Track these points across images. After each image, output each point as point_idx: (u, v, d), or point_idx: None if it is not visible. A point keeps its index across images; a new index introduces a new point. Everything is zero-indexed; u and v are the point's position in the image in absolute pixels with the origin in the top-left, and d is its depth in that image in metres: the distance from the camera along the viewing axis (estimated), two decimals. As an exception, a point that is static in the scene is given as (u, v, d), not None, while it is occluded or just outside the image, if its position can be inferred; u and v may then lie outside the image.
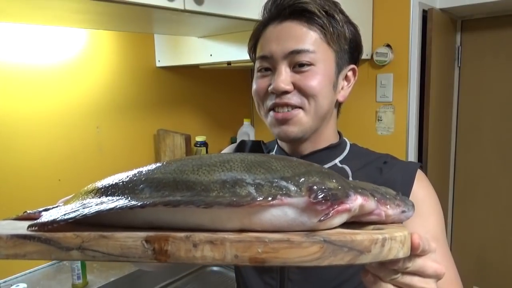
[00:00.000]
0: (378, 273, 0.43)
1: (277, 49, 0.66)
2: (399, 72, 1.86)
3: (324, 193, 0.40)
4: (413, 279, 0.43)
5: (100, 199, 0.45)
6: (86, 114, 1.56)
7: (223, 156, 0.46)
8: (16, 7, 1.01)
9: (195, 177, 0.43)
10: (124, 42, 1.66)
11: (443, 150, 2.32)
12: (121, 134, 1.68)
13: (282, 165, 0.44)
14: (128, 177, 0.46)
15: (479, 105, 2.34)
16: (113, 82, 1.63)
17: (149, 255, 0.40)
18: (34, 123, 1.41)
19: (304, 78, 0.66)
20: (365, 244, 0.39)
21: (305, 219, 0.41)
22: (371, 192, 0.46)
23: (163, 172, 0.45)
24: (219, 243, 0.39)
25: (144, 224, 0.43)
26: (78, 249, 0.41)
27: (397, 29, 1.83)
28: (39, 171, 1.43)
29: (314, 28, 0.66)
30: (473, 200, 2.41)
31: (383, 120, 1.92)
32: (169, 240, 0.40)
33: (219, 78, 2.10)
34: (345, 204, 0.42)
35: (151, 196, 0.42)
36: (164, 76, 1.84)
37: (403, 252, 0.41)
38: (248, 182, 0.41)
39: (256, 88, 0.71)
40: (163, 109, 1.85)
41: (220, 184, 0.41)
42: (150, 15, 1.13)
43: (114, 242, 0.40)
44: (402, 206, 0.47)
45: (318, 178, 0.43)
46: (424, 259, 0.43)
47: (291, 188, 0.41)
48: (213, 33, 1.54)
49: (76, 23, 1.32)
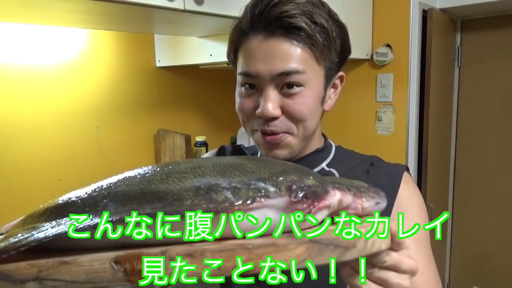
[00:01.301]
0: (356, 266, 0.43)
1: (264, 70, 0.61)
2: (399, 72, 1.86)
3: (304, 191, 0.40)
4: (388, 274, 0.43)
5: (56, 222, 0.39)
6: (86, 114, 1.56)
7: (193, 162, 0.43)
8: (16, 7, 1.01)
9: (165, 186, 0.39)
10: (124, 42, 1.65)
11: (443, 150, 2.32)
12: (121, 134, 1.68)
13: (257, 166, 0.42)
14: (87, 194, 0.41)
15: (479, 105, 2.34)
16: (113, 82, 1.63)
17: (120, 278, 0.35)
18: (33, 123, 1.41)
19: (293, 103, 0.62)
20: (350, 240, 0.39)
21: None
22: (347, 186, 0.46)
23: (127, 184, 0.41)
24: (199, 255, 0.35)
25: (113, 243, 0.38)
26: (35, 280, 0.35)
27: (397, 29, 1.83)
28: (39, 171, 1.43)
29: (304, 46, 0.61)
30: (473, 200, 2.41)
31: (383, 120, 1.92)
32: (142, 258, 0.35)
33: (219, 78, 2.10)
34: (325, 201, 0.42)
35: (116, 211, 0.38)
36: (164, 76, 1.84)
37: (385, 244, 0.41)
38: (223, 186, 0.39)
39: (241, 107, 0.67)
40: (163, 109, 1.85)
41: (194, 191, 0.38)
42: (150, 15, 1.13)
43: (78, 268, 0.35)
44: (376, 198, 0.47)
45: (296, 176, 0.42)
46: (400, 254, 0.43)
47: (270, 189, 0.39)
48: (213, 33, 1.54)
49: (76, 23, 1.32)
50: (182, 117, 1.94)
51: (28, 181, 1.41)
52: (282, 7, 0.59)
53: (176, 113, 1.91)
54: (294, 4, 0.60)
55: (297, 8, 0.60)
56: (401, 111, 1.88)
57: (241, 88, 0.67)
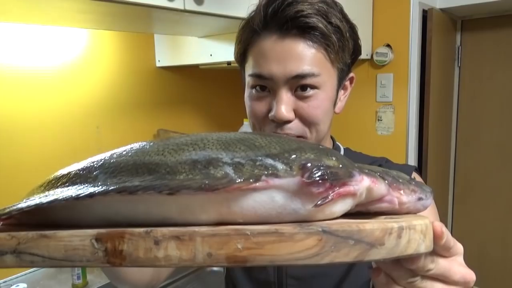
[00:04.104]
0: (392, 272, 0.35)
1: (278, 71, 0.58)
2: (399, 72, 1.86)
3: (321, 172, 0.32)
4: (434, 285, 0.35)
5: (44, 193, 0.37)
6: (86, 114, 1.56)
7: (196, 135, 0.38)
8: (17, 7, 1.01)
9: (160, 158, 0.35)
10: (124, 42, 1.66)
11: (443, 150, 2.32)
12: (121, 134, 1.68)
13: (268, 141, 0.36)
14: (83, 165, 0.39)
15: (479, 105, 2.34)
16: (113, 82, 1.63)
17: (100, 257, 0.32)
18: (34, 123, 1.41)
19: (307, 106, 0.60)
20: (376, 234, 0.30)
21: (297, 206, 0.33)
22: (380, 174, 0.37)
23: (123, 155, 0.37)
24: (187, 239, 0.30)
25: (101, 221, 0.35)
26: (13, 253, 0.33)
27: (397, 29, 1.83)
28: (39, 170, 1.43)
29: (319, 47, 0.59)
30: (473, 200, 2.41)
31: (383, 120, 1.92)
32: (125, 238, 0.32)
33: (219, 78, 2.10)
34: (349, 186, 0.33)
35: (104, 183, 0.34)
36: (164, 76, 1.84)
37: (425, 246, 0.32)
38: (225, 161, 0.33)
39: (253, 111, 0.64)
40: (163, 109, 1.85)
41: (190, 165, 0.33)
42: (150, 15, 1.13)
43: (57, 243, 0.32)
44: (418, 192, 0.38)
45: (313, 155, 0.34)
46: (450, 261, 0.36)
47: (279, 167, 0.33)
48: (213, 33, 1.54)
49: (76, 23, 1.32)
50: (182, 117, 1.94)
51: (29, 180, 1.41)
52: (297, 7, 0.57)
53: (176, 113, 1.91)
54: (308, 4, 0.58)
55: (312, 8, 0.58)
56: (401, 111, 1.88)
57: (251, 90, 0.63)
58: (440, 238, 0.34)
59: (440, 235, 0.34)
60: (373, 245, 0.30)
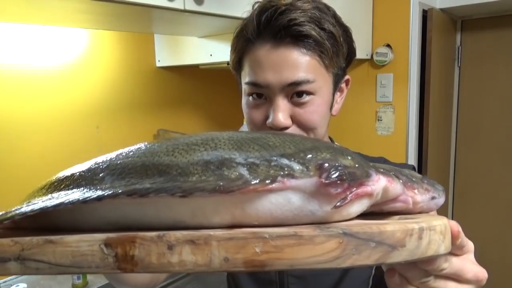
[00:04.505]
0: (406, 273, 0.35)
1: (274, 80, 0.59)
2: (399, 72, 1.86)
3: (339, 172, 0.32)
4: (447, 284, 0.35)
5: (48, 196, 0.36)
6: (86, 114, 1.56)
7: (206, 135, 0.37)
8: (17, 7, 1.01)
9: (170, 159, 0.33)
10: (124, 42, 1.66)
11: (443, 150, 2.32)
12: (121, 134, 1.68)
13: (282, 141, 0.35)
14: (87, 167, 0.37)
15: (479, 105, 2.34)
16: (113, 82, 1.63)
17: (110, 263, 0.30)
18: (34, 123, 1.41)
19: (304, 112, 0.61)
20: (397, 236, 0.29)
21: (315, 207, 0.32)
22: (395, 173, 0.36)
23: (130, 156, 0.36)
24: (203, 243, 0.29)
25: (108, 225, 0.34)
26: (16, 259, 0.31)
27: (397, 29, 1.83)
28: (39, 170, 1.43)
29: (313, 54, 0.60)
30: (473, 200, 2.41)
31: (383, 120, 1.92)
32: (136, 242, 0.30)
33: (219, 78, 2.10)
34: (366, 186, 0.33)
35: (112, 185, 0.33)
36: (164, 76, 1.84)
37: (444, 247, 0.32)
38: (238, 162, 0.32)
39: (251, 119, 0.65)
40: (163, 109, 1.85)
41: (202, 165, 0.32)
42: (150, 15, 1.13)
43: (64, 248, 0.31)
44: (431, 191, 0.38)
45: (329, 155, 0.33)
46: (462, 260, 0.36)
47: (295, 167, 0.32)
48: (213, 33, 1.54)
49: (76, 23, 1.32)
50: (182, 117, 1.94)
51: (28, 180, 1.41)
52: (290, 15, 0.57)
53: (176, 113, 1.91)
54: (301, 11, 0.58)
55: (304, 15, 0.58)
56: (401, 111, 1.88)
57: (248, 98, 0.64)
58: (457, 238, 0.34)
59: (457, 235, 0.33)
60: (395, 247, 0.30)
